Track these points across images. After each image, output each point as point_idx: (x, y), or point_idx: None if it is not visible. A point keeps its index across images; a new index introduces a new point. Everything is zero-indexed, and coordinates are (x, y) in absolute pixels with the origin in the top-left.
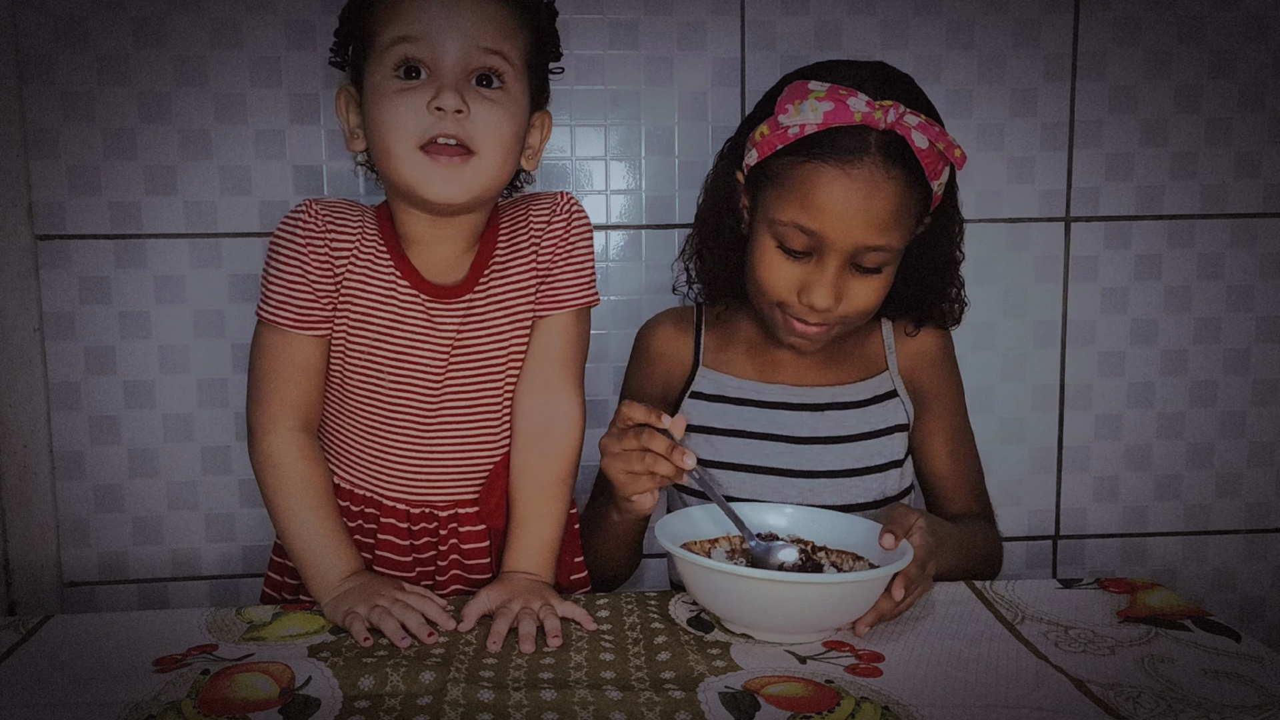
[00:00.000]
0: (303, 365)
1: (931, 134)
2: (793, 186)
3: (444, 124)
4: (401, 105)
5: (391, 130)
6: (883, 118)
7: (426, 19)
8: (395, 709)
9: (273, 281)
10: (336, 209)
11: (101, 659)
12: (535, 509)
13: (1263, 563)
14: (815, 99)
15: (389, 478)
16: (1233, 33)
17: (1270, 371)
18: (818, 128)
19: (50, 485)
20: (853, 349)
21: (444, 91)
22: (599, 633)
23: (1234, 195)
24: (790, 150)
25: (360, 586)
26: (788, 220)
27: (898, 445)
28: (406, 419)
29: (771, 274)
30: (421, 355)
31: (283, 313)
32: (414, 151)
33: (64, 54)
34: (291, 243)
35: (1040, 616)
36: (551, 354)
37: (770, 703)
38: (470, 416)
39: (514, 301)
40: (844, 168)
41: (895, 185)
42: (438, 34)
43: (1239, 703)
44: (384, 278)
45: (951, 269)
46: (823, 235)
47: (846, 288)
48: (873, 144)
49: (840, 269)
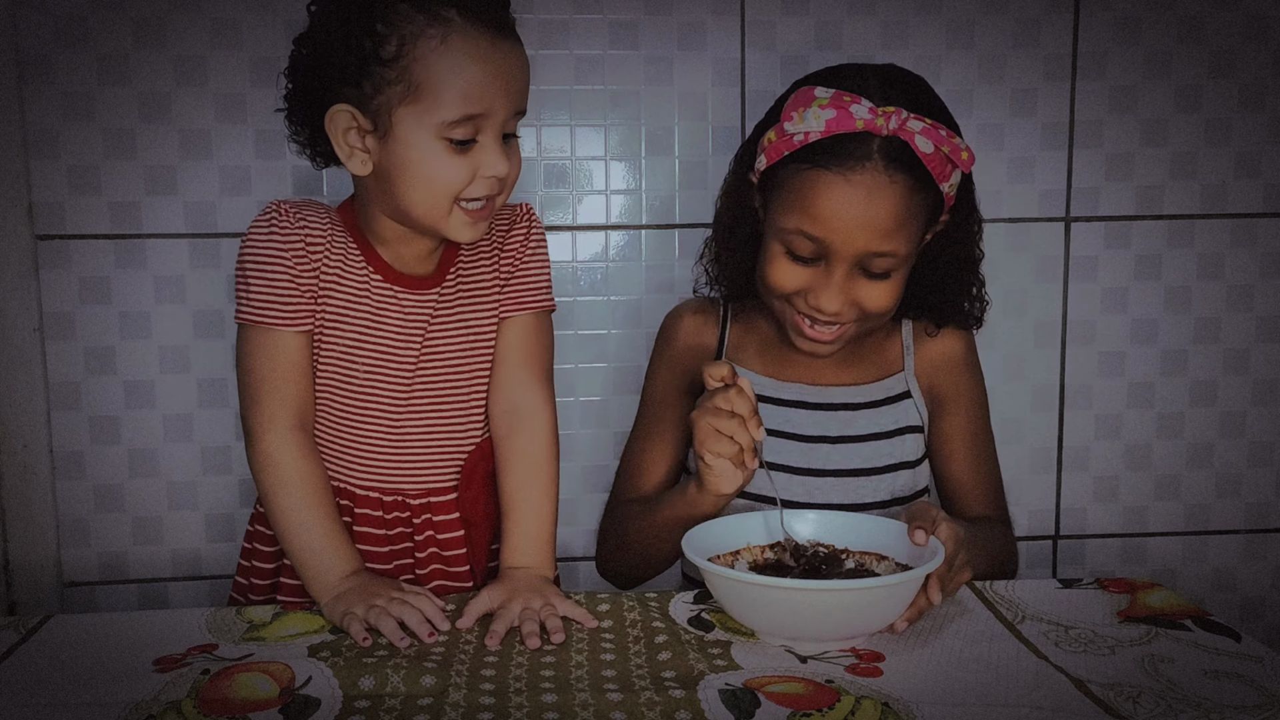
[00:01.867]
0: (294, 361)
1: (936, 138)
2: (797, 194)
3: (491, 187)
4: (456, 167)
5: (441, 189)
6: (885, 124)
7: (489, 95)
8: (395, 709)
9: (254, 282)
10: (305, 208)
11: (101, 659)
12: (524, 500)
13: (1263, 563)
14: (819, 106)
15: (361, 466)
16: (1233, 33)
17: (1270, 371)
18: (821, 135)
19: (50, 485)
20: (870, 349)
21: (499, 162)
22: (600, 632)
23: (1234, 195)
24: (795, 158)
25: (359, 586)
26: (793, 228)
27: (909, 447)
28: (379, 407)
29: (780, 278)
30: (395, 345)
31: (270, 312)
32: (453, 205)
33: (64, 54)
34: (269, 242)
35: (1040, 616)
36: (515, 354)
37: (770, 700)
38: (442, 404)
39: (481, 293)
40: (846, 175)
41: (899, 190)
42: (496, 107)
43: (1239, 703)
44: (357, 272)
45: (970, 268)
46: (827, 243)
47: (856, 292)
48: (875, 151)
49: (846, 275)
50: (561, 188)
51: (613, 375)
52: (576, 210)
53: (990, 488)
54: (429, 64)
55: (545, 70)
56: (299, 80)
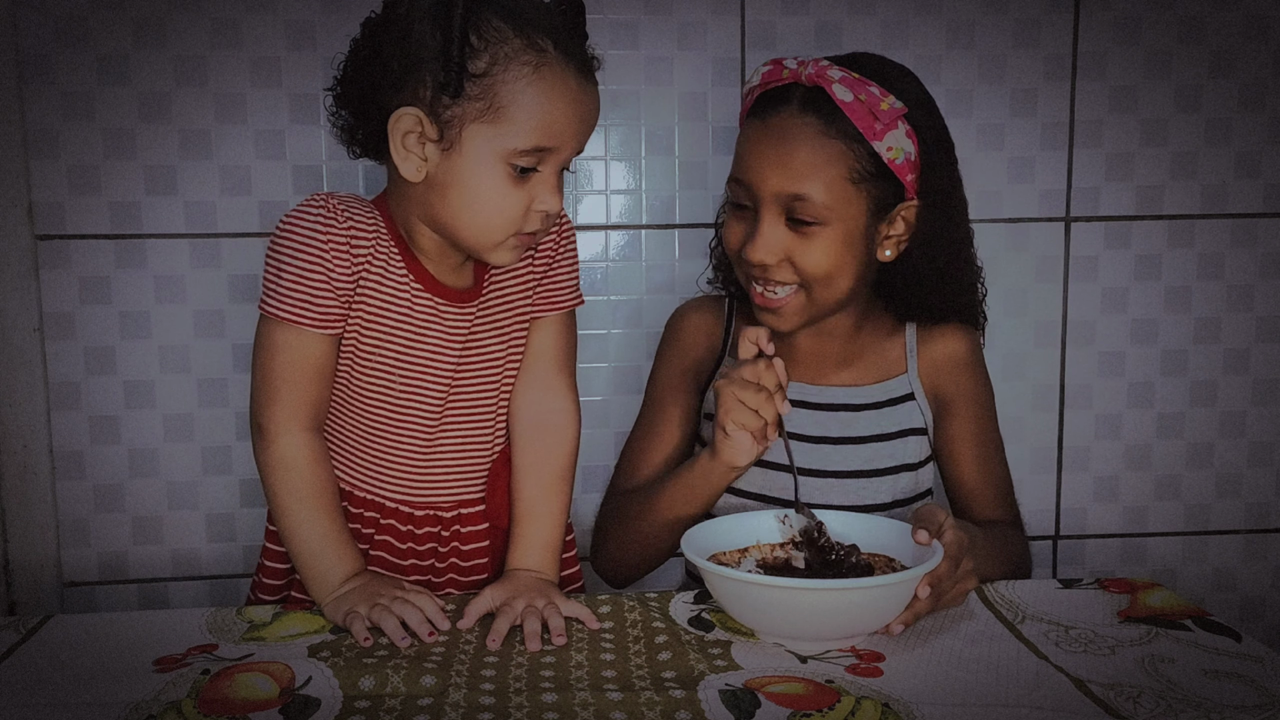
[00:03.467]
0: (318, 365)
1: (856, 87)
2: (735, 147)
3: (542, 222)
4: (518, 198)
5: (503, 217)
6: (803, 71)
7: (565, 133)
8: (395, 709)
9: (287, 276)
10: (353, 206)
11: (101, 659)
12: (537, 506)
13: (1263, 563)
14: (762, 65)
15: (393, 479)
16: (1233, 33)
17: (1270, 371)
18: (757, 89)
19: (50, 485)
20: (871, 350)
21: (553, 199)
22: (600, 632)
23: (1234, 195)
24: (748, 115)
25: (361, 586)
26: (730, 178)
27: (912, 449)
28: (415, 420)
29: (727, 235)
30: (434, 357)
31: (301, 311)
32: (509, 235)
33: (64, 54)
34: (312, 237)
35: (1040, 616)
36: (548, 354)
37: (770, 700)
38: (472, 416)
39: (516, 301)
40: (764, 119)
41: (810, 131)
42: (567, 146)
43: (1239, 703)
44: (398, 280)
45: (961, 262)
46: (748, 184)
47: (788, 246)
48: (794, 97)
49: (773, 221)
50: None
51: (613, 375)
52: (577, 210)
53: (999, 490)
54: (517, 90)
55: None
56: (364, 70)
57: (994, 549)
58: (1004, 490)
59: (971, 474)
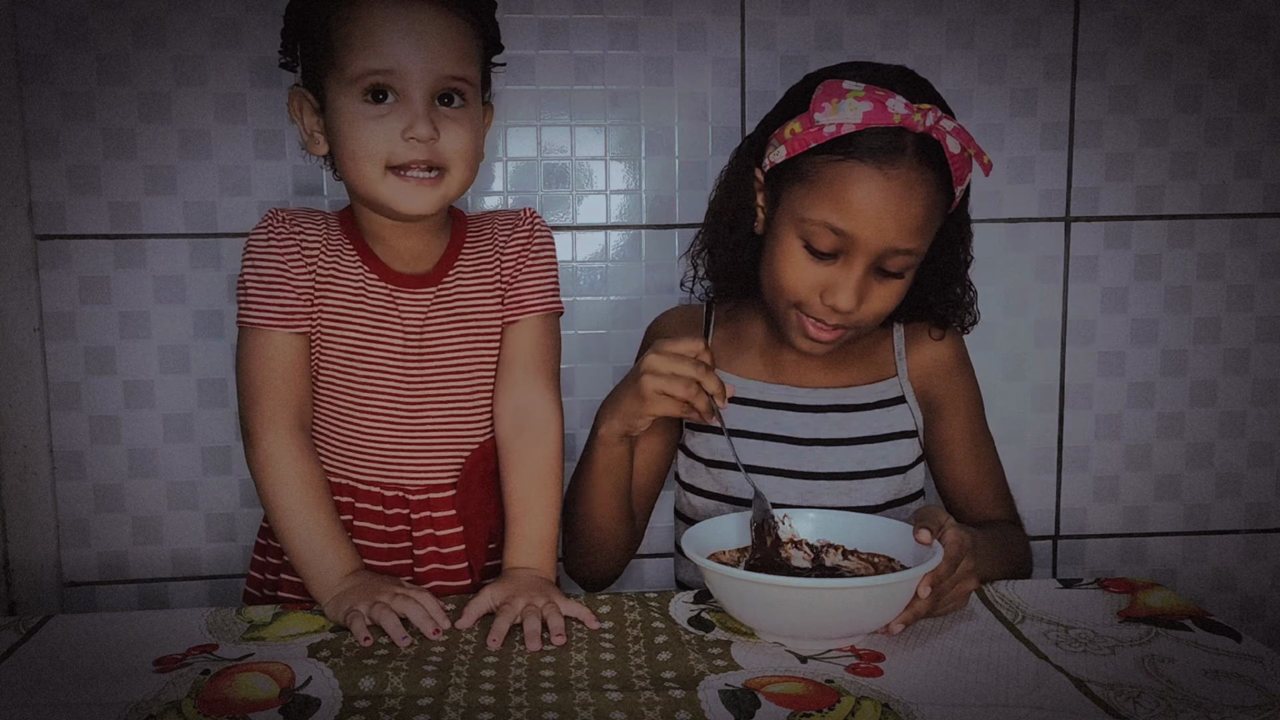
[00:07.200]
0: (291, 362)
1: (964, 139)
2: (826, 185)
3: (416, 151)
4: (374, 131)
5: (364, 154)
6: (921, 120)
7: (397, 52)
8: (395, 709)
9: (252, 287)
10: (299, 214)
11: (101, 659)
12: (529, 503)
13: (1263, 563)
14: (854, 98)
15: (363, 460)
16: (1233, 33)
17: (1270, 371)
18: (856, 127)
19: (50, 485)
20: (860, 352)
21: (417, 123)
22: (600, 632)
23: (1234, 195)
24: (824, 149)
25: (361, 585)
26: (818, 219)
27: (903, 451)
28: (381, 403)
29: (795, 274)
30: (390, 342)
31: (267, 313)
32: (386, 173)
33: (64, 54)
34: (267, 247)
35: (1040, 616)
36: (521, 357)
37: (770, 700)
38: (443, 403)
39: (479, 299)
40: (881, 168)
41: (928, 189)
42: (407, 65)
43: (1239, 703)
44: (352, 272)
45: (961, 272)
46: (854, 236)
47: (868, 290)
48: (909, 146)
49: (866, 272)
50: (561, 188)
51: (613, 375)
52: (576, 210)
53: (996, 488)
54: (341, 27)
55: (545, 70)
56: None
57: (995, 549)
58: (1000, 488)
59: (969, 474)
